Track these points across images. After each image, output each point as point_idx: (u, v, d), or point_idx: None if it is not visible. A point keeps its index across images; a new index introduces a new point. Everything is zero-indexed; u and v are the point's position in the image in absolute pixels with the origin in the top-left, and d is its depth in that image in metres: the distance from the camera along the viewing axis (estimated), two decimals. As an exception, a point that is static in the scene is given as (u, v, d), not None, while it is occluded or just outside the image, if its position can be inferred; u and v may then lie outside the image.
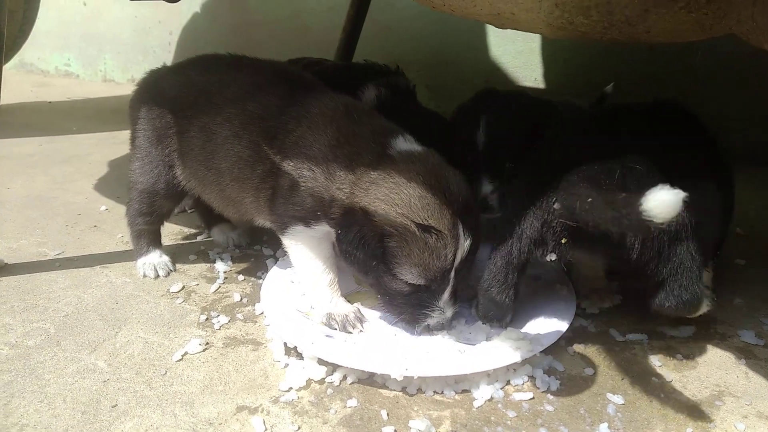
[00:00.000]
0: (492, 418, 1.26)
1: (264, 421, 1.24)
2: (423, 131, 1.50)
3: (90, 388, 1.35)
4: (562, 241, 1.31)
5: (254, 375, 1.39)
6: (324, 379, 1.37)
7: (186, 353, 1.46)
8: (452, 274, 1.36)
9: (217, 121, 1.59)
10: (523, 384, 1.35)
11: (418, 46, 3.36)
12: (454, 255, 1.34)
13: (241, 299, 1.69)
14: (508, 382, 1.35)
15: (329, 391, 1.34)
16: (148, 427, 1.24)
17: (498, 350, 1.35)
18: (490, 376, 1.34)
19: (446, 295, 1.38)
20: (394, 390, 1.34)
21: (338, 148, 1.44)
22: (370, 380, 1.37)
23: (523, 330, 1.43)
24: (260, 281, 1.78)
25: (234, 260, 1.90)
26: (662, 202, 1.02)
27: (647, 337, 1.51)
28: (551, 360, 1.41)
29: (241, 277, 1.80)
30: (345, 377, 1.37)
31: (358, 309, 1.51)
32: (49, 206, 2.32)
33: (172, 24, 4.10)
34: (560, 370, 1.39)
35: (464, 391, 1.33)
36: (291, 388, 1.34)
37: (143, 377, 1.39)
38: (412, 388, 1.33)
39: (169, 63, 4.18)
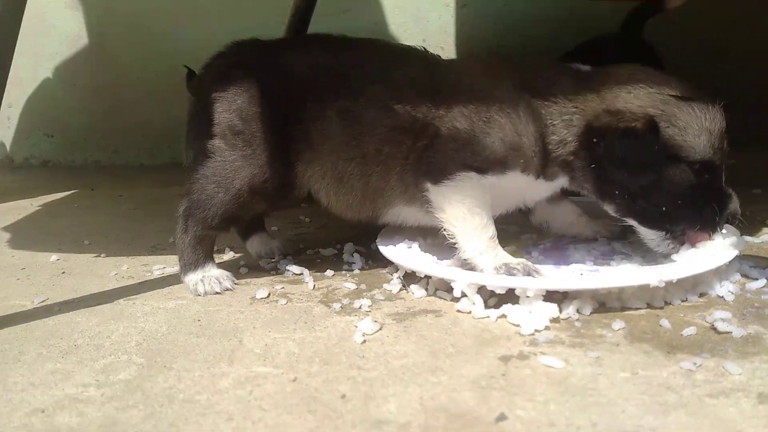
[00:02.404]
0: (756, 305, 1.14)
1: (552, 360, 0.96)
2: None
3: (283, 391, 0.93)
4: None
5: (474, 333, 1.09)
6: (559, 317, 1.12)
7: (365, 333, 1.10)
8: (726, 142, 1.25)
9: (361, 102, 1.33)
10: (740, 278, 1.26)
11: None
12: (722, 118, 1.23)
13: (358, 286, 1.35)
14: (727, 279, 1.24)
15: (578, 324, 1.11)
16: (419, 397, 0.88)
17: (718, 249, 1.24)
18: (715, 275, 1.22)
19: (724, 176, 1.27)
20: (640, 308, 1.15)
21: (529, 84, 1.29)
22: (604, 309, 1.16)
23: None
24: (355, 271, 1.45)
25: (299, 264, 1.52)
26: None
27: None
28: (737, 254, 1.33)
29: (329, 273, 1.45)
30: (578, 310, 1.14)
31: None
32: (-30, 268, 1.67)
33: (12, 94, 3.43)
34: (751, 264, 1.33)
35: (702, 294, 1.19)
36: (536, 330, 1.07)
37: (341, 365, 1.00)
38: (658, 301, 1.16)
39: (8, 142, 3.50)
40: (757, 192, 1.92)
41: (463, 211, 1.28)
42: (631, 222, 1.28)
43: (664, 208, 1.23)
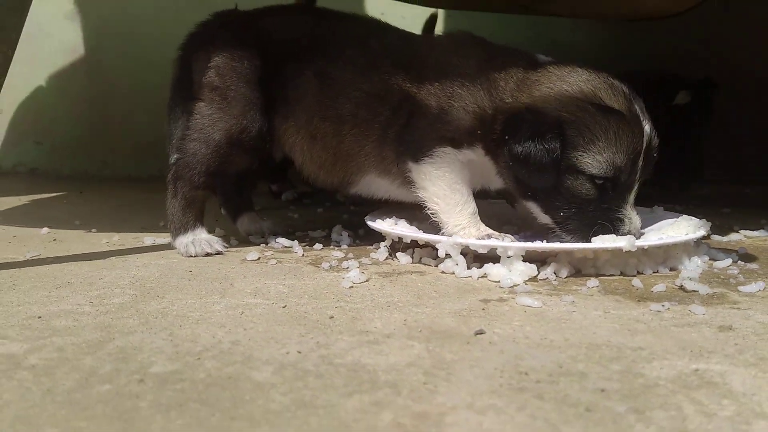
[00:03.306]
0: (721, 277, 1.21)
1: (530, 301, 1.02)
2: None
3: (274, 313, 0.97)
4: None
5: (457, 285, 1.15)
6: (537, 276, 1.18)
7: (352, 282, 1.15)
8: (640, 163, 1.27)
9: (338, 64, 1.42)
10: (708, 259, 1.33)
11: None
12: (641, 138, 1.26)
13: (345, 256, 1.40)
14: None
15: (555, 282, 1.17)
16: (403, 319, 0.93)
17: (688, 227, 1.33)
18: (684, 252, 1.29)
19: (632, 197, 1.29)
20: (614, 275, 1.21)
21: (489, 61, 1.37)
22: (580, 274, 1.22)
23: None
24: (343, 246, 1.50)
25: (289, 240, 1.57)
26: None
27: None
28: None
29: (318, 246, 1.49)
30: (555, 273, 1.20)
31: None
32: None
33: (4, 101, 3.47)
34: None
35: (673, 269, 1.26)
36: (516, 284, 1.13)
37: (329, 299, 1.05)
38: (631, 269, 1.23)
39: (-5, 146, 3.54)
40: (726, 211, 2.04)
41: (444, 187, 1.34)
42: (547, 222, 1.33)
43: (561, 213, 1.27)
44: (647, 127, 1.27)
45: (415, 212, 1.49)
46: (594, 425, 0.61)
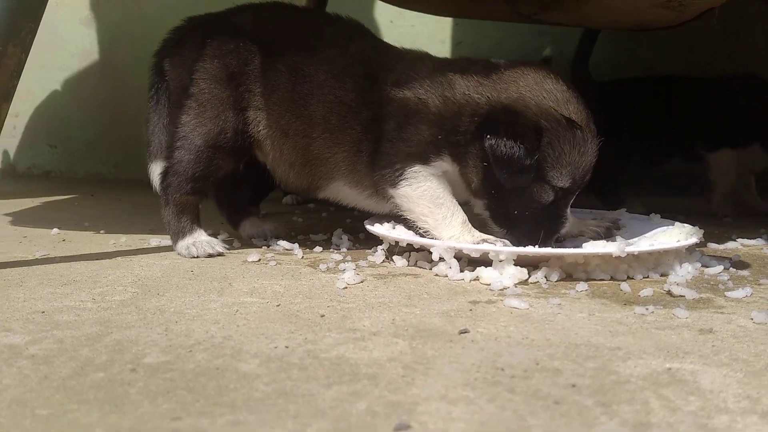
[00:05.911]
0: (711, 283, 1.23)
1: (517, 303, 1.04)
2: None
3: (267, 311, 1.00)
4: None
5: (449, 287, 1.18)
6: (527, 280, 1.21)
7: (347, 283, 1.18)
8: (587, 176, 1.32)
9: (313, 62, 1.43)
10: (701, 266, 1.34)
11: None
12: (594, 153, 1.31)
13: (343, 258, 1.43)
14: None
15: (545, 285, 1.19)
16: (391, 319, 0.96)
17: (680, 234, 1.35)
18: (676, 258, 1.31)
19: (571, 201, 1.34)
20: (604, 279, 1.24)
21: (445, 68, 1.39)
22: (571, 279, 1.24)
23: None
24: (343, 249, 1.53)
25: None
26: None
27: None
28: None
29: (318, 249, 1.53)
30: (546, 277, 1.22)
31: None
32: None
33: (19, 104, 3.56)
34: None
35: (664, 274, 1.28)
36: (506, 287, 1.16)
37: (323, 299, 1.08)
38: (621, 274, 1.25)
39: (12, 151, 3.62)
40: (728, 220, 2.05)
41: (427, 204, 1.35)
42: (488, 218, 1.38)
43: (516, 212, 1.31)
44: (596, 142, 1.32)
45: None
46: (560, 416, 0.63)
